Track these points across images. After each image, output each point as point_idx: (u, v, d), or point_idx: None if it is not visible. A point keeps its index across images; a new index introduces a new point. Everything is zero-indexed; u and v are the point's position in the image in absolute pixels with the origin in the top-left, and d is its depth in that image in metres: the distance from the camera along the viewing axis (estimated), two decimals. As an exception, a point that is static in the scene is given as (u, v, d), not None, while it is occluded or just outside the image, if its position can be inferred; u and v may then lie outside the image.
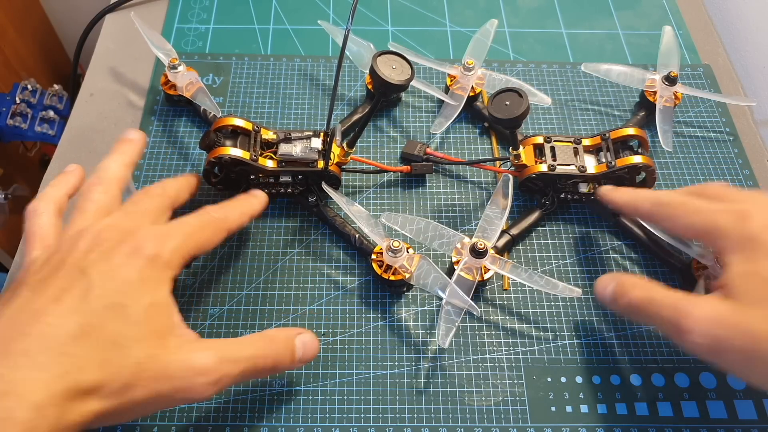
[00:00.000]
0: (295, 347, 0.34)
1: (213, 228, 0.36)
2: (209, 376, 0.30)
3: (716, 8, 0.63)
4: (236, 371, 0.31)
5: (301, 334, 0.34)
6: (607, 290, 0.37)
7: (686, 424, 0.39)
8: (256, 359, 0.32)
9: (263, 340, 0.33)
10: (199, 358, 0.30)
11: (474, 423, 0.38)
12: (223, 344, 0.32)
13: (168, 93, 0.50)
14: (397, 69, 0.39)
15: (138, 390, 0.28)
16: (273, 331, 0.35)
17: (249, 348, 0.32)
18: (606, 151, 0.44)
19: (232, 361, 0.31)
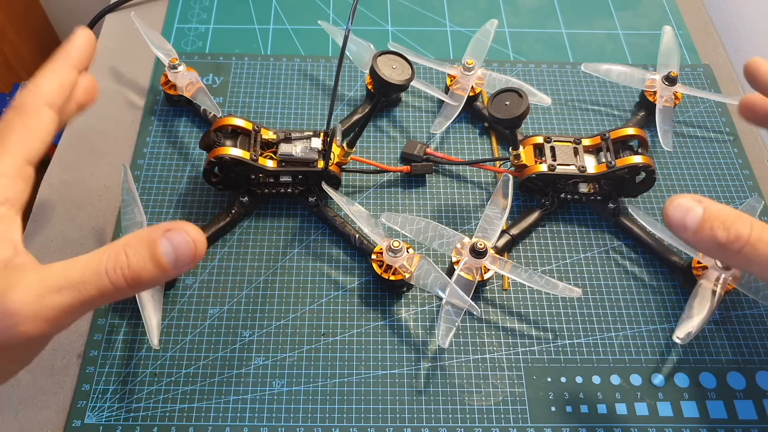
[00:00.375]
0: (161, 251, 0.26)
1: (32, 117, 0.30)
2: (18, 317, 0.24)
3: (716, 8, 0.63)
4: (64, 301, 0.25)
5: (170, 231, 0.26)
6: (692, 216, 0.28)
7: (686, 424, 0.39)
8: (96, 280, 0.25)
9: (107, 251, 0.26)
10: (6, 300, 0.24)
11: (474, 423, 0.38)
12: (47, 270, 0.25)
13: (168, 93, 0.50)
14: (397, 69, 0.39)
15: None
16: (130, 236, 0.26)
17: (80, 269, 0.25)
18: (606, 151, 0.44)
19: (54, 291, 0.24)
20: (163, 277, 0.26)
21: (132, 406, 0.38)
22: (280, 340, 0.41)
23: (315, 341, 0.41)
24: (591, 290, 0.44)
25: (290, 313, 0.42)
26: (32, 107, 0.30)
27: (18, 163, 0.28)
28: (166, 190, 0.47)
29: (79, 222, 0.45)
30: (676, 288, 0.44)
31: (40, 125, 0.30)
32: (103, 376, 0.39)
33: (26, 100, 0.30)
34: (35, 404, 0.38)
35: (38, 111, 0.30)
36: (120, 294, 0.26)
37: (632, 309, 0.43)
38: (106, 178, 0.48)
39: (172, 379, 0.39)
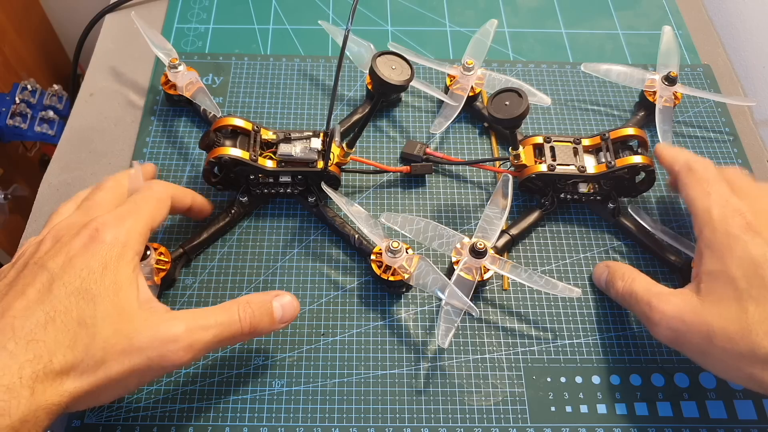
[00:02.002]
0: (273, 309, 0.35)
1: (158, 198, 0.37)
2: (179, 344, 0.31)
3: (716, 8, 0.63)
4: (208, 336, 0.32)
5: (279, 296, 0.36)
6: (602, 278, 0.42)
7: (686, 424, 0.39)
8: (230, 324, 0.33)
9: (237, 304, 0.34)
10: (167, 328, 0.31)
11: (474, 423, 0.38)
12: (194, 313, 0.33)
13: (168, 93, 0.50)
14: (397, 69, 0.39)
15: (112, 366, 0.29)
16: (249, 296, 0.35)
17: (220, 314, 0.33)
18: (606, 151, 0.44)
19: (202, 328, 0.32)
20: (271, 329, 0.35)
21: (132, 406, 0.38)
22: (279, 340, 0.41)
23: (315, 341, 0.41)
24: (591, 290, 0.44)
25: (290, 313, 0.42)
26: (164, 194, 0.38)
27: (147, 227, 0.35)
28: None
29: (79, 222, 0.45)
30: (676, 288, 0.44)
31: (164, 207, 0.37)
32: (102, 376, 0.39)
33: (159, 189, 0.38)
34: (35, 404, 0.38)
35: (166, 197, 0.38)
36: (242, 338, 0.34)
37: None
38: (106, 178, 0.48)
39: (172, 379, 0.39)
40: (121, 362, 0.29)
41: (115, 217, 0.34)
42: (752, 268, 0.33)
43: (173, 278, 0.42)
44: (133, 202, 0.36)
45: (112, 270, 0.31)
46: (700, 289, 0.35)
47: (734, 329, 0.32)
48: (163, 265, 0.40)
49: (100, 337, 0.29)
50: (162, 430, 0.37)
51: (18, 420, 0.26)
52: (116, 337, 0.30)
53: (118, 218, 0.34)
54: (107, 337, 0.29)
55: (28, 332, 0.28)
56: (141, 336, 0.30)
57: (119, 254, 0.32)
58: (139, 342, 0.30)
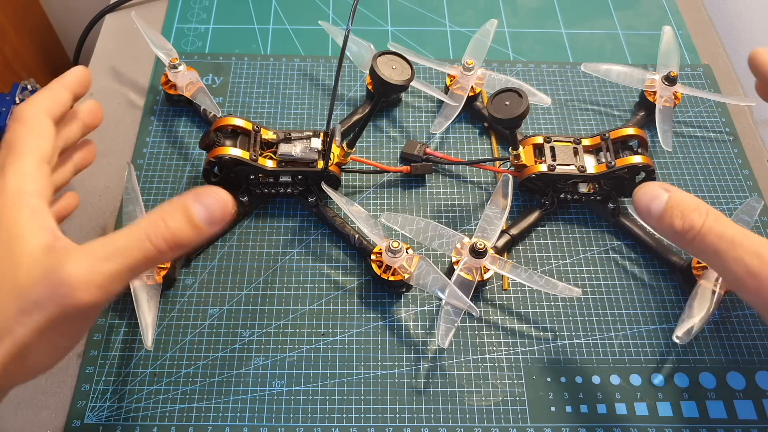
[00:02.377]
0: (193, 212, 0.29)
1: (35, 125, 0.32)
2: (76, 285, 0.26)
3: (716, 8, 0.63)
4: (111, 267, 0.27)
5: (198, 195, 0.30)
6: (655, 204, 0.31)
7: (686, 424, 0.39)
8: (138, 246, 0.28)
9: (146, 220, 0.29)
10: (59, 272, 0.27)
11: (474, 423, 0.38)
12: (93, 244, 0.28)
13: (168, 93, 0.50)
14: (397, 69, 0.39)
15: (16, 330, 0.26)
16: (162, 205, 0.29)
17: (124, 238, 0.28)
18: (606, 151, 0.44)
19: (103, 259, 0.27)
20: (199, 236, 0.29)
21: (132, 406, 0.38)
22: (280, 340, 0.41)
23: (315, 341, 0.41)
24: (591, 290, 0.44)
25: (290, 313, 0.42)
26: (32, 116, 0.32)
27: (36, 162, 0.31)
28: (166, 189, 0.47)
29: (79, 222, 0.45)
30: (676, 288, 0.44)
31: (44, 130, 0.32)
32: (102, 376, 0.39)
33: (24, 111, 0.32)
34: (35, 404, 0.38)
35: (38, 118, 0.32)
36: (163, 256, 0.29)
37: (632, 309, 0.43)
38: (106, 178, 0.48)
39: (172, 379, 0.39)
40: (23, 324, 0.26)
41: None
42: None
43: (173, 278, 0.42)
44: (5, 146, 0.31)
45: (3, 225, 0.28)
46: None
47: None
48: (163, 265, 0.40)
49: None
50: (162, 430, 0.37)
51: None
52: (11, 298, 0.26)
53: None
54: (2, 301, 0.26)
55: None
56: (34, 289, 0.26)
57: (10, 204, 0.29)
58: (33, 296, 0.26)
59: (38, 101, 0.33)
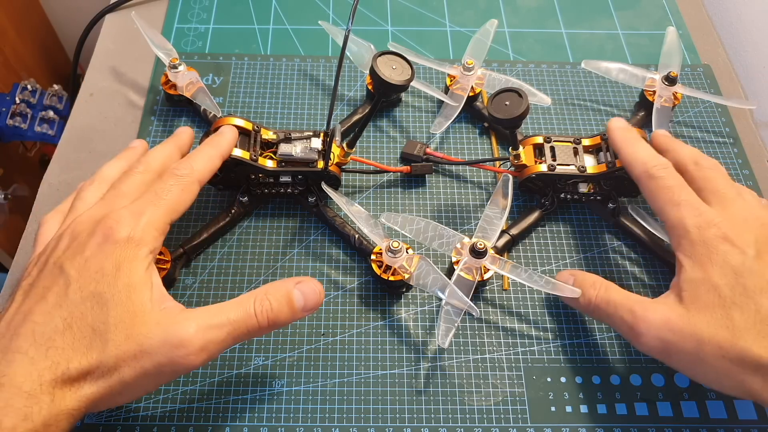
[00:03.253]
0: (294, 298, 0.33)
1: (182, 186, 0.36)
2: (189, 348, 0.30)
3: (716, 8, 0.63)
4: (221, 336, 0.31)
5: (300, 283, 0.34)
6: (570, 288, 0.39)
7: (686, 424, 0.39)
8: (245, 320, 0.32)
9: (253, 297, 0.33)
10: (177, 331, 0.30)
11: (474, 423, 0.38)
12: (206, 311, 0.32)
13: (168, 93, 0.50)
14: (397, 69, 0.39)
15: (125, 371, 0.29)
16: (268, 286, 0.33)
17: (234, 310, 0.32)
18: (606, 151, 0.44)
19: (215, 327, 0.31)
20: (293, 319, 0.34)
21: (132, 406, 0.38)
22: (280, 340, 0.41)
23: (315, 341, 0.41)
24: (591, 290, 0.44)
25: (290, 313, 0.42)
26: (189, 180, 0.36)
27: (167, 221, 0.34)
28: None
29: (79, 222, 0.45)
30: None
31: (190, 196, 0.36)
32: (103, 376, 0.39)
33: (185, 173, 0.36)
34: (35, 404, 0.38)
35: (192, 184, 0.36)
36: (261, 332, 0.33)
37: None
38: (106, 178, 0.48)
39: (172, 379, 0.39)
40: (133, 367, 0.29)
41: (131, 212, 0.33)
42: (733, 276, 0.33)
43: (173, 278, 0.42)
44: (153, 193, 0.35)
45: (125, 271, 0.31)
46: (683, 297, 0.34)
47: (723, 336, 0.32)
48: (163, 265, 0.40)
49: (112, 344, 0.29)
50: (162, 430, 0.37)
51: (41, 424, 0.27)
52: (128, 343, 0.30)
53: (134, 213, 0.33)
54: (119, 343, 0.29)
55: (48, 339, 0.29)
56: (151, 341, 0.30)
57: (133, 254, 0.32)
58: (149, 347, 0.30)
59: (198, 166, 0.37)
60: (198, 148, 0.39)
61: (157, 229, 0.33)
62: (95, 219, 0.33)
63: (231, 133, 0.41)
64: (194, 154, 0.38)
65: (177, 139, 0.41)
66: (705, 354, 0.32)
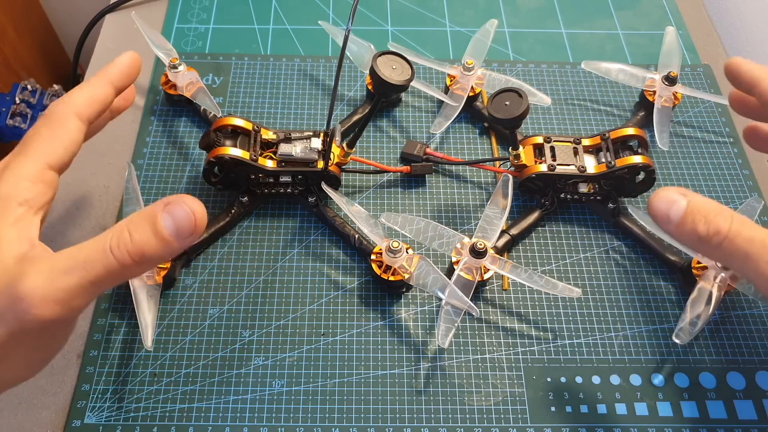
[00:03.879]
0: (161, 225, 0.27)
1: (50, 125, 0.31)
2: (33, 300, 0.25)
3: (716, 8, 0.63)
4: (73, 281, 0.26)
5: (168, 205, 0.27)
6: (676, 209, 0.29)
7: (686, 424, 0.39)
8: (100, 259, 0.26)
9: (111, 232, 0.27)
10: (17, 285, 0.25)
11: (474, 423, 0.38)
12: (57, 255, 0.27)
13: (168, 93, 0.50)
14: (397, 69, 0.39)
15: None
16: (132, 215, 0.27)
17: (87, 250, 0.26)
18: (606, 151, 0.44)
19: (64, 272, 0.26)
20: (167, 251, 0.27)
21: (132, 406, 0.38)
22: (280, 340, 0.41)
23: (315, 341, 0.41)
24: (591, 290, 0.44)
25: (290, 313, 0.42)
26: (60, 116, 0.32)
27: (39, 167, 0.30)
28: (166, 189, 0.47)
29: (79, 222, 0.45)
30: (676, 288, 0.44)
31: (66, 133, 0.31)
32: (102, 376, 0.39)
33: (55, 110, 0.32)
34: (35, 404, 0.38)
35: (66, 119, 0.32)
36: (128, 271, 0.27)
37: (632, 309, 0.43)
38: (106, 178, 0.48)
39: (172, 379, 0.39)
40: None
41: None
42: None
43: (173, 278, 0.42)
44: (21, 143, 0.31)
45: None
46: None
47: None
48: (163, 265, 0.40)
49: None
50: (162, 430, 0.37)
51: None
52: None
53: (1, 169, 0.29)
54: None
55: None
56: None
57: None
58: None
59: (73, 99, 0.32)
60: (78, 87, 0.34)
61: (27, 179, 0.29)
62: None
63: (126, 56, 0.36)
64: (74, 88, 0.33)
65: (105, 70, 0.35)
66: None
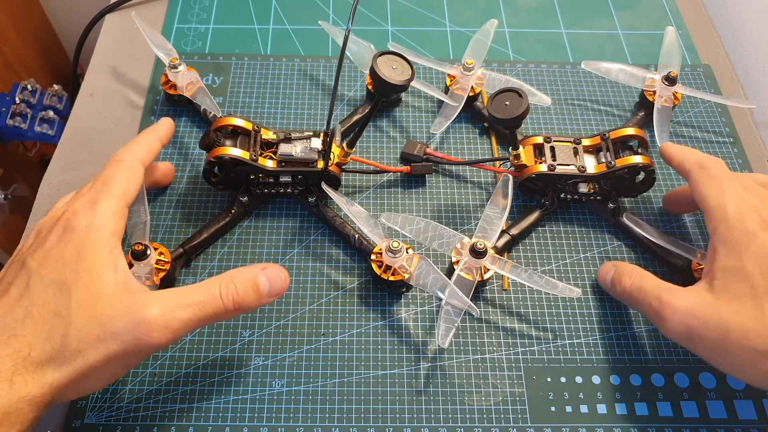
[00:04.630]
0: (260, 283, 0.34)
1: (124, 170, 0.37)
2: (153, 325, 0.30)
3: (716, 8, 0.63)
4: (185, 315, 0.31)
5: (265, 269, 0.34)
6: (608, 277, 0.41)
7: (686, 424, 0.39)
8: (210, 302, 0.32)
9: (219, 281, 0.33)
10: (141, 310, 0.30)
11: (474, 423, 0.38)
12: (172, 292, 0.32)
13: (168, 93, 0.50)
14: (398, 69, 0.39)
15: (89, 353, 0.29)
16: (234, 271, 0.34)
17: (200, 292, 0.32)
18: (606, 151, 0.44)
19: (180, 307, 0.31)
20: (259, 304, 0.34)
21: (132, 406, 0.38)
22: (280, 340, 0.41)
23: (315, 341, 0.41)
24: (591, 290, 0.44)
25: (290, 313, 0.42)
26: (130, 162, 0.37)
27: (121, 204, 0.35)
28: (166, 189, 0.47)
29: (79, 222, 0.45)
30: (676, 288, 0.44)
31: (135, 176, 0.37)
32: (103, 376, 0.39)
33: (125, 157, 0.37)
34: (35, 404, 0.38)
35: (134, 165, 0.37)
36: (227, 315, 0.33)
37: (632, 309, 0.43)
38: (106, 178, 0.48)
39: (172, 379, 0.39)
40: (97, 349, 0.29)
41: (86, 203, 0.34)
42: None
43: (173, 278, 0.42)
44: (101, 182, 0.36)
45: (87, 257, 0.32)
46: (713, 286, 0.34)
47: (751, 325, 0.32)
48: (163, 265, 0.40)
49: (74, 327, 0.30)
50: (162, 430, 0.37)
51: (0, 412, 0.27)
52: (90, 325, 0.30)
53: (88, 203, 0.34)
54: (82, 325, 0.30)
55: (8, 328, 0.29)
56: (115, 321, 0.30)
57: (94, 240, 0.32)
58: (113, 327, 0.30)
59: (136, 149, 0.38)
60: (136, 139, 0.40)
61: (114, 213, 0.34)
62: (56, 217, 0.34)
63: (167, 121, 0.42)
64: (132, 141, 0.40)
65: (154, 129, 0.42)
66: (729, 343, 0.32)
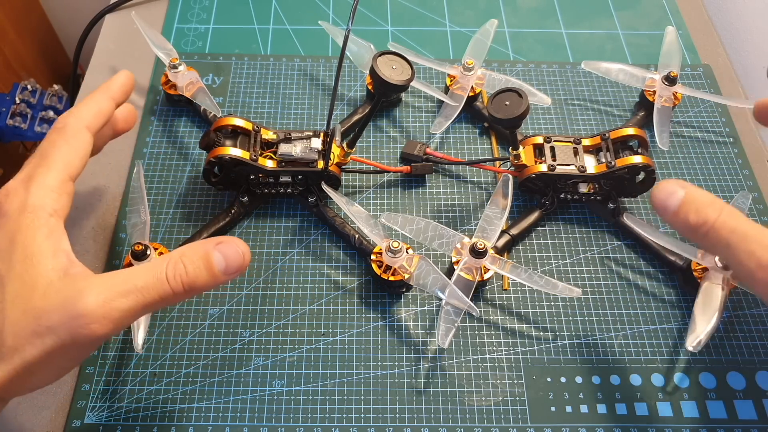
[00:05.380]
0: (213, 261, 0.30)
1: (66, 138, 0.33)
2: (90, 317, 0.27)
3: (716, 8, 0.63)
4: (126, 304, 0.28)
5: (220, 244, 0.31)
6: (672, 199, 0.32)
7: (686, 424, 0.39)
8: (155, 286, 0.29)
9: (166, 261, 0.30)
10: (77, 301, 0.27)
11: (474, 423, 0.38)
12: (113, 277, 0.29)
13: (168, 93, 0.50)
14: (398, 69, 0.39)
15: (26, 350, 0.27)
16: (185, 247, 0.31)
17: (144, 276, 0.29)
18: (606, 151, 0.44)
19: (121, 294, 0.28)
20: (214, 283, 0.30)
21: (132, 406, 0.38)
22: (280, 340, 0.41)
23: (315, 341, 0.41)
24: (591, 290, 0.44)
25: (290, 313, 0.42)
26: (73, 129, 0.33)
27: (62, 178, 0.32)
28: (166, 189, 0.47)
29: (78, 222, 0.45)
30: (676, 288, 0.44)
31: (80, 144, 0.33)
32: (102, 376, 0.39)
33: (68, 122, 0.34)
34: (35, 404, 0.38)
35: (78, 132, 0.34)
36: (176, 298, 0.30)
37: (632, 309, 0.43)
38: (106, 178, 0.48)
39: (172, 379, 0.39)
40: (34, 345, 0.27)
41: (20, 181, 0.31)
42: None
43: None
44: (39, 155, 0.32)
45: (20, 243, 0.29)
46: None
47: None
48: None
49: (8, 322, 0.27)
50: (162, 430, 0.37)
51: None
52: (25, 319, 0.27)
53: (22, 181, 0.31)
54: (16, 320, 0.27)
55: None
56: (50, 314, 0.27)
57: (28, 223, 0.29)
58: (48, 321, 0.27)
59: (82, 113, 0.34)
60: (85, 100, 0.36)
61: (53, 190, 0.31)
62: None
63: (123, 74, 0.39)
64: (80, 103, 0.36)
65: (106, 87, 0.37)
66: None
